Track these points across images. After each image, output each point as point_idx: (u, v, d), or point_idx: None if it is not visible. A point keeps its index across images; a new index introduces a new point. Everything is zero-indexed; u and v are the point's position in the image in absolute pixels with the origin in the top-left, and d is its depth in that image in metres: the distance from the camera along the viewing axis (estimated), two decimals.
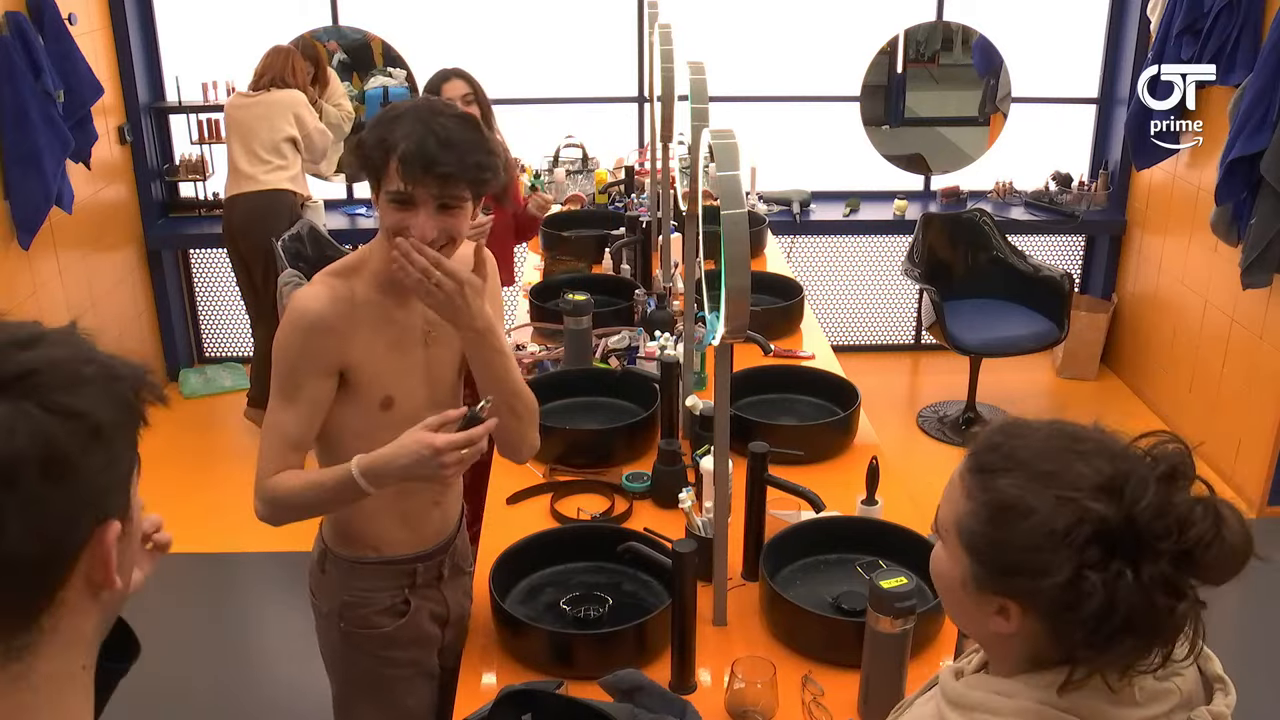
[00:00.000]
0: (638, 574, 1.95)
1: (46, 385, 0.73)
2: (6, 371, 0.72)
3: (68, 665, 0.77)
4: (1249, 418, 3.98)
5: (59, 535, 0.73)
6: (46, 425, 0.71)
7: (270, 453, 1.63)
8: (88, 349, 0.80)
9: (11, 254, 3.71)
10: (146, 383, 0.83)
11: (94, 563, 0.75)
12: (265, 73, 4.25)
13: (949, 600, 1.02)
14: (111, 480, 0.77)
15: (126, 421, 0.79)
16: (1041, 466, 0.92)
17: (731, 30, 4.86)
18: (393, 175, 1.53)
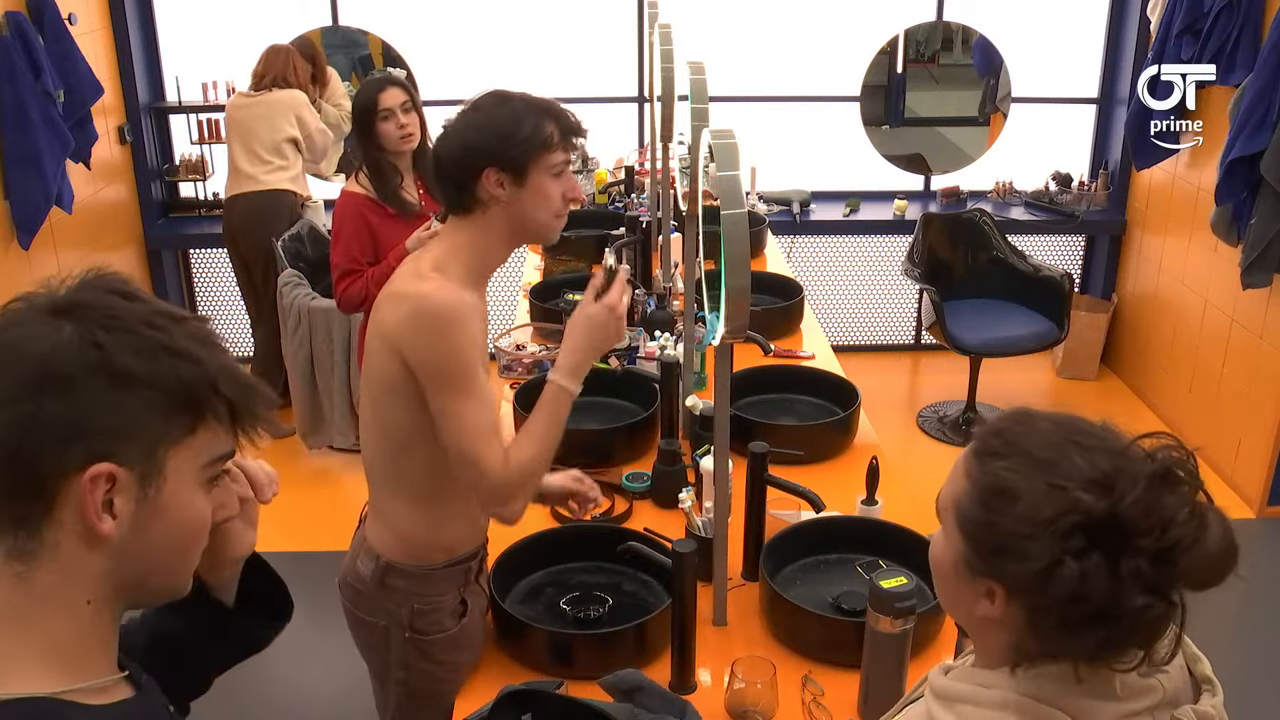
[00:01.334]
0: (638, 574, 1.95)
1: (91, 317, 0.80)
2: (76, 299, 0.82)
3: (68, 590, 0.82)
4: (1249, 418, 3.98)
5: (42, 443, 0.78)
6: (66, 343, 0.79)
7: (487, 451, 1.62)
8: (172, 326, 0.84)
9: (11, 254, 3.71)
10: (233, 393, 0.86)
11: (84, 494, 0.79)
12: (265, 73, 4.25)
13: (942, 585, 1.04)
14: (117, 425, 0.80)
15: (164, 392, 0.82)
16: (1039, 455, 0.93)
17: (731, 30, 4.86)
18: (557, 149, 1.68)
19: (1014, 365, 4.81)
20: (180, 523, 0.86)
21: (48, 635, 0.82)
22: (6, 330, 0.81)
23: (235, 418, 0.88)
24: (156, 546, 0.85)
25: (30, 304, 0.82)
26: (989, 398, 4.65)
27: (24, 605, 0.82)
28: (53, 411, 0.78)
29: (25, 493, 0.80)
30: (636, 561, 1.91)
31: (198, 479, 0.86)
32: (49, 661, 0.82)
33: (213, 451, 0.87)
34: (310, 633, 1.88)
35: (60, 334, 0.79)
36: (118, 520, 0.81)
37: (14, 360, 0.79)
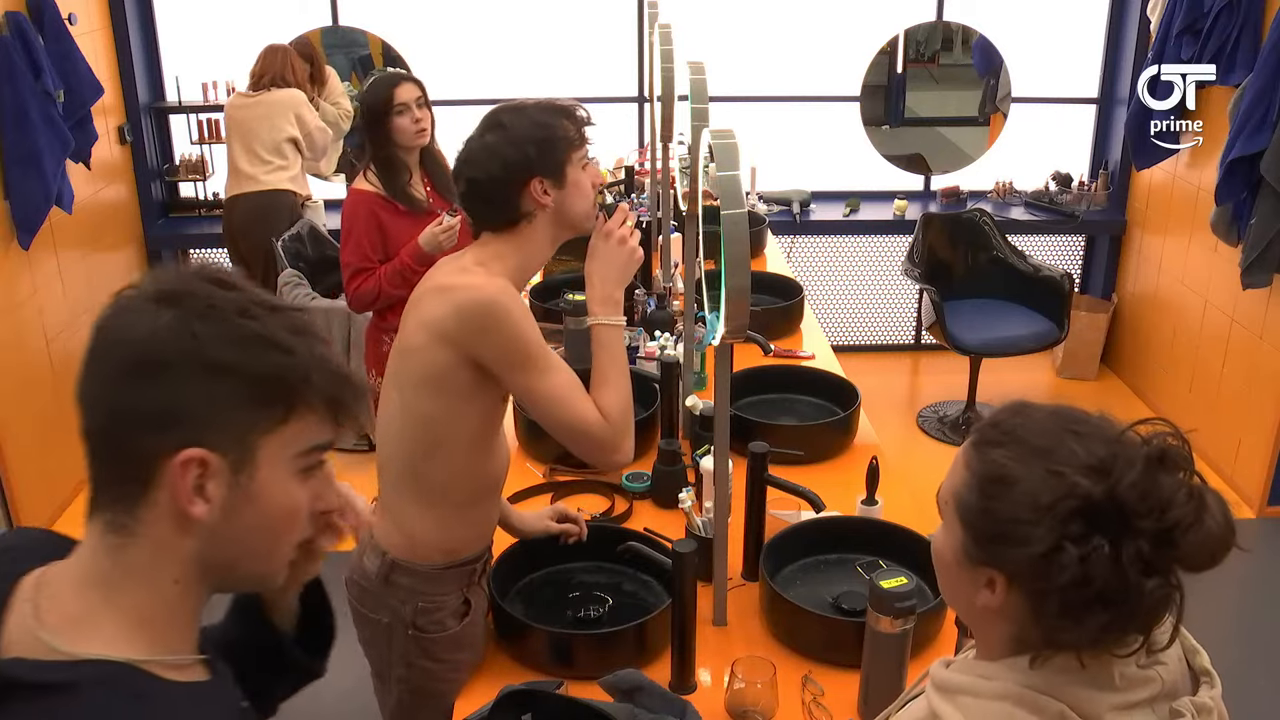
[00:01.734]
0: (638, 574, 1.95)
1: (190, 306, 0.83)
2: (180, 287, 0.84)
3: (157, 568, 0.85)
4: (1249, 418, 3.98)
5: (137, 427, 0.82)
6: (164, 330, 0.81)
7: (586, 411, 1.68)
8: (267, 316, 0.85)
9: (11, 254, 3.71)
10: (326, 383, 0.87)
11: (175, 478, 0.82)
12: (264, 73, 4.25)
13: (944, 577, 1.04)
14: (209, 412, 0.82)
15: (257, 381, 0.84)
16: (1036, 442, 0.94)
17: (731, 30, 4.86)
18: (580, 143, 1.75)
19: (1014, 365, 4.81)
20: (273, 509, 0.87)
21: (134, 607, 0.85)
22: (113, 316, 0.84)
23: (330, 409, 0.89)
24: (248, 532, 0.87)
25: (138, 291, 0.84)
26: (989, 398, 4.65)
27: (115, 576, 0.85)
28: (149, 397, 0.81)
29: (123, 473, 0.83)
30: (636, 561, 1.91)
31: (291, 467, 0.88)
32: (132, 630, 0.84)
33: (307, 441, 0.88)
34: None
35: (159, 321, 0.82)
36: (210, 504, 0.83)
37: (116, 345, 0.82)
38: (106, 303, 0.85)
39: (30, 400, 3.81)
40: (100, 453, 0.84)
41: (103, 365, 0.83)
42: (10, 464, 3.65)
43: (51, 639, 0.83)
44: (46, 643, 0.82)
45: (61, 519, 3.97)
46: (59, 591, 0.86)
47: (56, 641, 0.82)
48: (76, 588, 0.86)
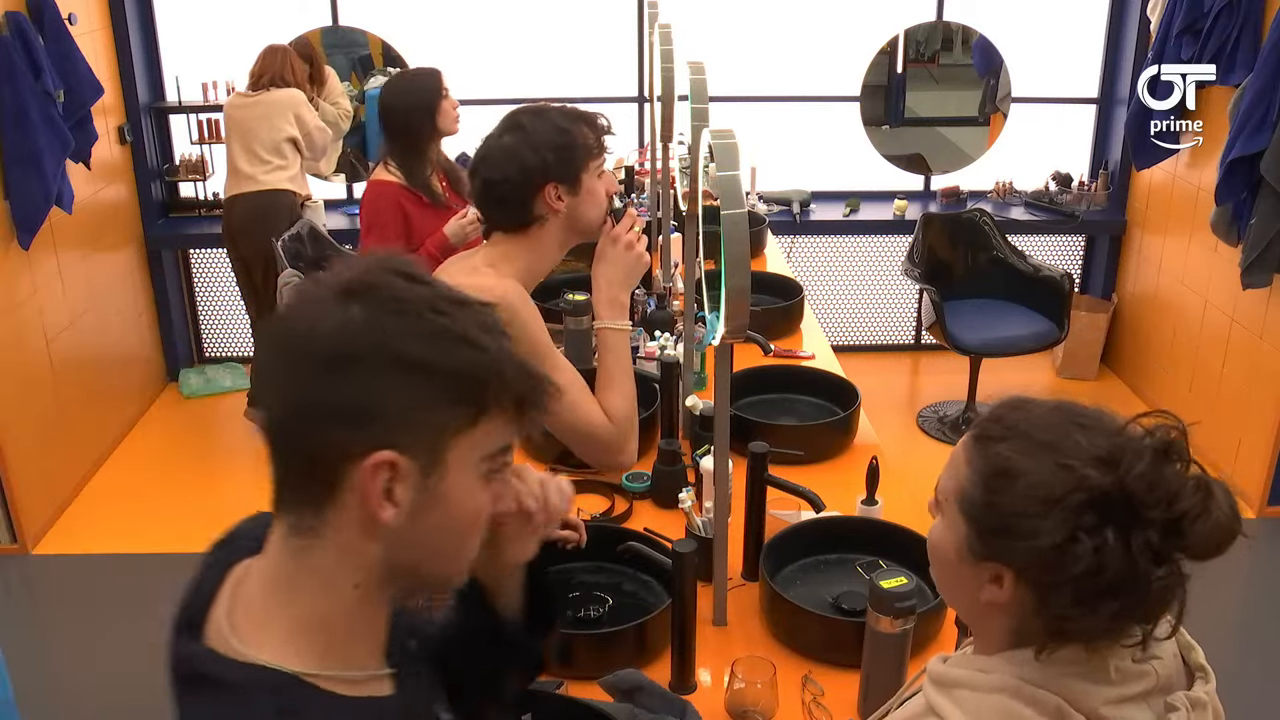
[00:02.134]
0: (638, 574, 1.95)
1: (377, 300, 0.79)
2: (365, 279, 0.81)
3: (339, 572, 0.83)
4: (1249, 418, 3.98)
5: (327, 427, 0.78)
6: (353, 323, 0.78)
7: (593, 414, 1.73)
8: (457, 312, 0.82)
9: (11, 254, 3.71)
10: (519, 383, 0.84)
11: (365, 481, 0.79)
12: (263, 73, 4.25)
13: (943, 574, 1.04)
14: (401, 412, 0.79)
15: (450, 379, 0.80)
16: (1041, 436, 0.95)
17: (731, 30, 4.86)
18: (598, 152, 1.78)
19: (1014, 365, 4.81)
20: (458, 514, 0.84)
21: (311, 612, 0.83)
22: (297, 309, 0.81)
23: (519, 409, 0.85)
24: (433, 535, 0.84)
25: (321, 284, 0.81)
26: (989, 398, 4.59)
27: (296, 579, 0.83)
28: (338, 394, 0.78)
29: (309, 473, 0.80)
30: (636, 561, 1.90)
31: (478, 470, 0.84)
32: (306, 638, 0.83)
33: (495, 443, 0.85)
34: None
35: (348, 314, 0.78)
36: (398, 509, 0.80)
37: (303, 338, 0.79)
38: (290, 295, 0.83)
39: (30, 400, 3.81)
40: (285, 451, 0.81)
41: (289, 359, 0.80)
42: (10, 464, 3.66)
43: (231, 637, 0.83)
44: (228, 640, 0.83)
45: (61, 519, 3.97)
46: (250, 589, 0.86)
47: (234, 640, 0.83)
48: (263, 588, 0.85)
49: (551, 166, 1.72)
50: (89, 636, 3.38)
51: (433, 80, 3.15)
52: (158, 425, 4.69)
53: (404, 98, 3.15)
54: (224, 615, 0.85)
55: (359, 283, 0.80)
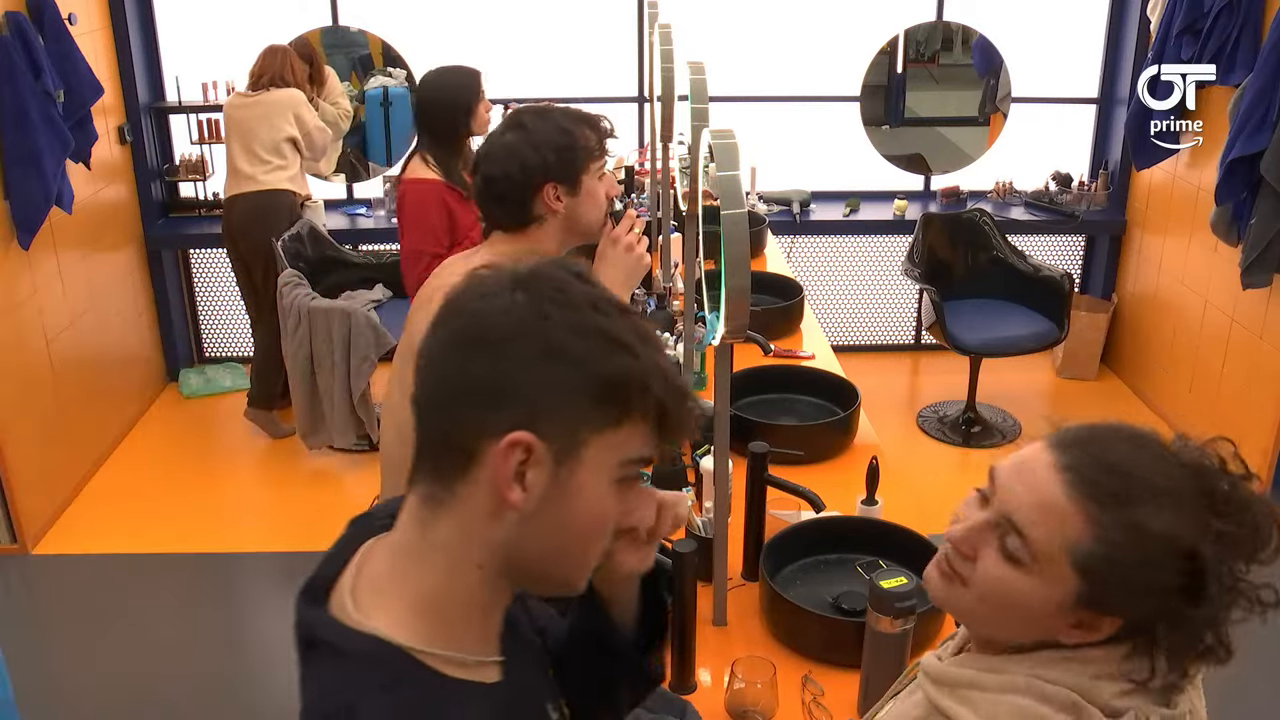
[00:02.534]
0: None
1: (542, 290, 0.82)
2: (535, 271, 0.84)
3: (463, 549, 0.84)
4: (1249, 418, 3.98)
5: (469, 400, 0.81)
6: (513, 309, 0.81)
7: None
8: (616, 315, 0.84)
9: (11, 254, 3.71)
10: (664, 395, 0.84)
11: (499, 459, 0.80)
12: (263, 73, 4.25)
13: (1012, 618, 0.99)
14: (542, 398, 0.80)
15: (595, 376, 0.81)
16: (1161, 485, 0.94)
17: (731, 30, 4.86)
18: (600, 154, 1.79)
19: (1014, 365, 4.81)
20: (585, 512, 0.84)
21: (431, 587, 0.85)
22: (465, 290, 0.84)
23: (661, 422, 0.85)
24: (558, 530, 0.84)
25: (495, 272, 0.85)
26: (989, 398, 4.65)
27: (420, 550, 0.85)
28: (487, 371, 0.80)
29: (451, 445, 0.82)
30: None
31: (613, 474, 0.84)
32: (422, 614, 0.84)
33: (632, 451, 0.85)
34: None
35: (512, 299, 0.81)
36: (528, 494, 0.81)
37: (462, 315, 0.82)
38: (462, 280, 0.86)
39: (30, 400, 3.81)
40: (428, 421, 0.84)
41: (445, 333, 0.83)
42: (10, 464, 3.66)
43: (351, 605, 0.85)
44: (348, 608, 0.85)
45: (61, 519, 3.97)
46: (376, 561, 0.88)
47: (353, 609, 0.84)
48: (389, 559, 0.87)
49: (552, 166, 1.72)
50: (89, 636, 3.38)
51: (473, 79, 3.17)
52: (158, 425, 4.69)
53: (445, 94, 3.15)
54: (349, 585, 0.87)
55: (531, 274, 0.83)
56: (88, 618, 3.50)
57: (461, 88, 3.15)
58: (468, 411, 0.81)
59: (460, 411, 0.81)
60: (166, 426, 4.68)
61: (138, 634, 3.39)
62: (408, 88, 4.86)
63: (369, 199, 4.98)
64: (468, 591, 0.85)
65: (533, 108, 1.81)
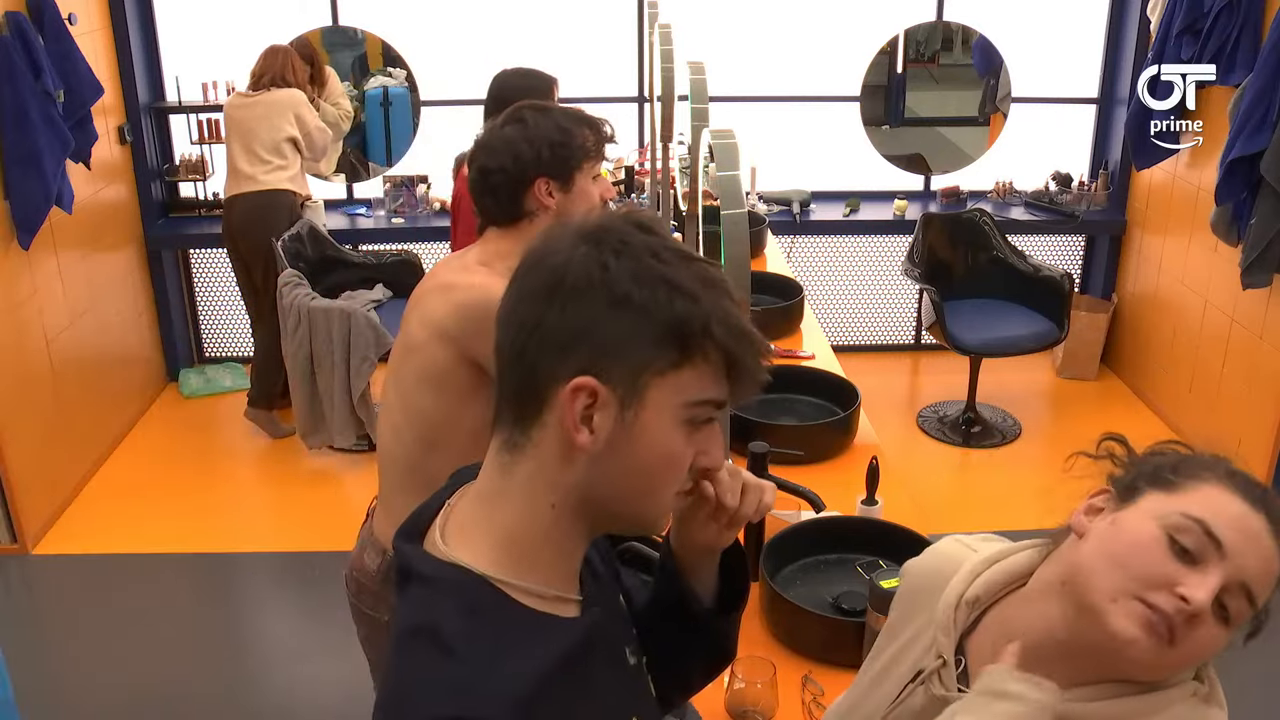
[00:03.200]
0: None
1: (606, 241, 0.86)
2: (602, 224, 0.88)
3: (538, 489, 0.89)
4: (1249, 418, 3.98)
5: (542, 348, 0.86)
6: (578, 261, 0.85)
7: None
8: (679, 262, 0.87)
9: (11, 254, 3.71)
10: (725, 337, 0.88)
11: (565, 403, 0.84)
12: (264, 73, 4.26)
13: (1201, 654, 0.98)
14: (607, 344, 0.84)
15: (657, 321, 0.85)
16: None
17: (731, 30, 4.86)
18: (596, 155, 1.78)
19: (1014, 365, 4.81)
20: (653, 452, 0.88)
21: (510, 524, 0.90)
22: (540, 245, 0.89)
23: (729, 365, 0.89)
24: (627, 470, 0.88)
25: (566, 226, 0.89)
26: (989, 398, 4.65)
27: (500, 491, 0.90)
28: (555, 320, 0.85)
29: (523, 391, 0.87)
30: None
31: (678, 415, 0.88)
32: (503, 548, 0.89)
33: (698, 392, 0.88)
34: (311, 632, 1.88)
35: (576, 252, 0.85)
36: (594, 435, 0.85)
37: (535, 269, 0.87)
38: (538, 235, 0.91)
39: (30, 400, 3.82)
40: (506, 370, 0.89)
41: (521, 285, 0.88)
42: (10, 464, 3.66)
43: (438, 538, 0.91)
44: (436, 543, 0.91)
45: (61, 519, 3.97)
46: (465, 503, 0.94)
47: (440, 540, 0.91)
48: (473, 500, 0.93)
49: (545, 162, 1.72)
50: (89, 636, 3.38)
51: (549, 84, 3.13)
52: (158, 425, 4.69)
53: (525, 95, 3.12)
54: (440, 524, 0.93)
55: (596, 226, 0.88)
56: (88, 618, 3.50)
57: (544, 91, 3.10)
58: (539, 359, 0.85)
59: (532, 359, 0.86)
60: (166, 426, 4.68)
61: (137, 634, 3.39)
62: (407, 88, 4.86)
63: (369, 199, 4.98)
64: (544, 529, 0.89)
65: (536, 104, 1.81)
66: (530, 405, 0.87)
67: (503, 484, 0.90)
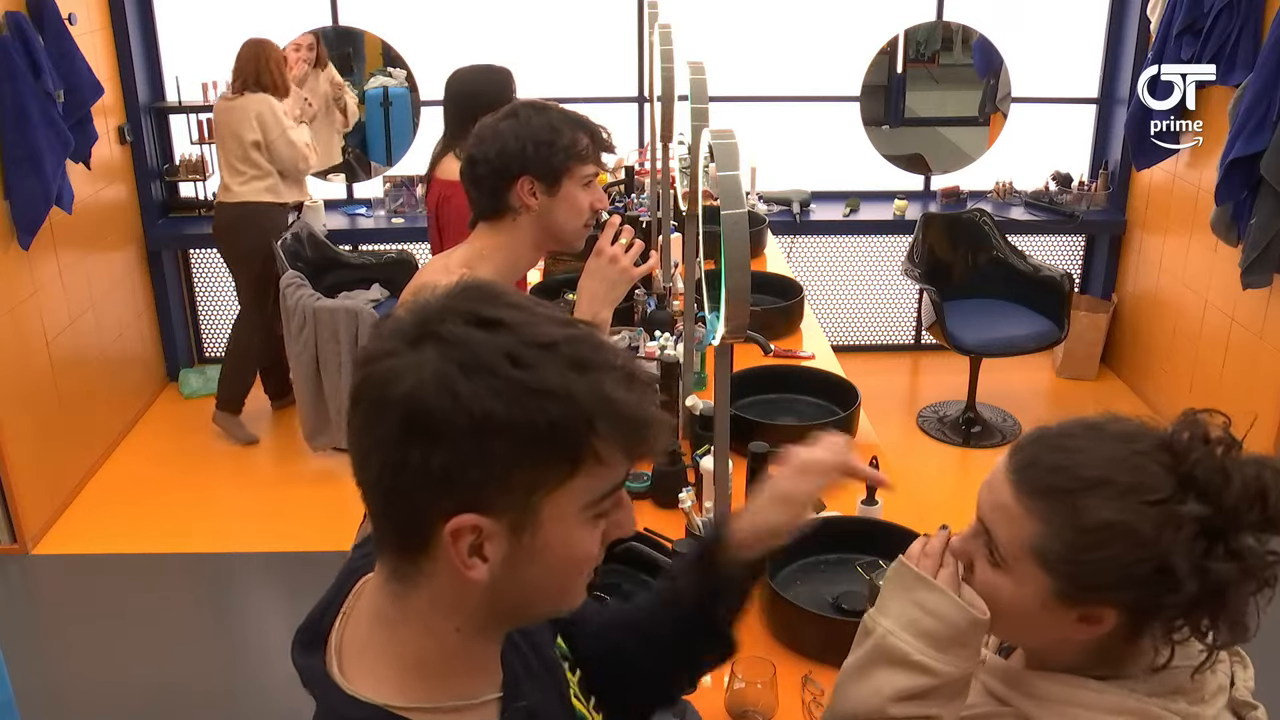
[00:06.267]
0: (637, 574, 1.94)
1: (450, 355, 0.74)
2: (435, 330, 0.76)
3: (437, 617, 0.82)
4: (1249, 418, 3.96)
5: (412, 488, 0.76)
6: (426, 385, 0.74)
7: None
8: (541, 358, 0.76)
9: (11, 254, 3.71)
10: (614, 428, 0.77)
11: (448, 544, 0.77)
12: (237, 75, 4.20)
13: (1015, 623, 1.01)
14: (484, 477, 0.75)
15: (534, 438, 0.75)
16: (1118, 478, 0.93)
17: (731, 30, 4.86)
18: (589, 160, 1.75)
19: (1014, 365, 4.81)
20: (560, 561, 0.81)
21: (413, 653, 0.83)
22: (375, 361, 0.77)
23: (626, 454, 0.79)
24: (535, 583, 0.81)
25: (396, 327, 0.78)
26: (989, 398, 4.65)
27: (395, 620, 0.84)
28: (418, 459, 0.74)
29: (406, 529, 0.79)
30: (636, 561, 1.90)
31: (581, 518, 0.80)
32: (406, 675, 0.83)
33: (597, 490, 0.79)
34: None
35: (422, 373, 0.74)
36: (489, 564, 0.78)
37: (382, 400, 0.75)
38: (370, 336, 0.81)
39: (30, 400, 3.82)
40: (376, 506, 0.80)
41: (370, 418, 0.77)
42: (10, 464, 3.66)
43: (339, 667, 0.85)
44: (335, 668, 0.85)
45: (61, 519, 3.97)
46: (359, 620, 0.87)
47: (336, 666, 0.85)
48: (368, 621, 0.86)
49: (530, 160, 1.71)
50: (89, 636, 3.38)
51: (510, 76, 3.17)
52: (158, 425, 4.69)
53: (487, 88, 3.12)
54: (336, 641, 0.87)
55: (430, 332, 0.76)
56: (88, 618, 3.50)
57: (500, 84, 3.14)
58: (413, 498, 0.76)
59: (406, 498, 0.77)
60: (166, 426, 4.68)
61: (138, 634, 3.39)
62: (408, 88, 4.86)
63: (369, 199, 4.98)
64: (452, 650, 0.84)
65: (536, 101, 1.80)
66: (412, 541, 0.79)
67: (397, 613, 0.83)
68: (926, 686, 1.00)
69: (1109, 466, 0.93)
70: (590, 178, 1.79)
